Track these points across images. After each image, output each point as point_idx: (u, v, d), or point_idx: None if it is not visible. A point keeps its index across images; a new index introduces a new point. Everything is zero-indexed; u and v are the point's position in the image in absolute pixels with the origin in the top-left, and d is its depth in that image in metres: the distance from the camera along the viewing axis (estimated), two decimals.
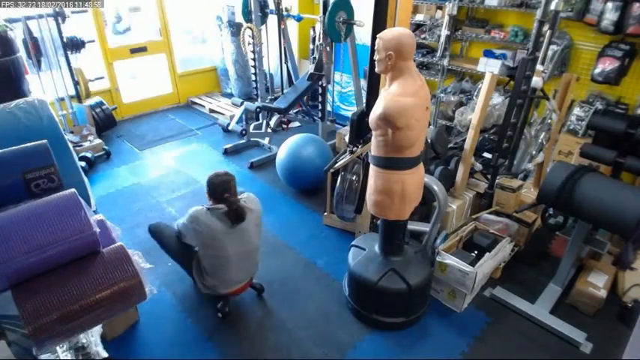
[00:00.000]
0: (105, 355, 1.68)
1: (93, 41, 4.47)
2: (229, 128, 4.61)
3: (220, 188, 2.19)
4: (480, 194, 3.08)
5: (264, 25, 4.43)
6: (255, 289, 2.59)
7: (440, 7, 4.16)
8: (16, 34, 3.43)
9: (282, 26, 4.46)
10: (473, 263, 2.37)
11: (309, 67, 4.21)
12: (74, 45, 4.09)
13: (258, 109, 4.33)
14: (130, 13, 5.15)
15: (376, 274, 2.28)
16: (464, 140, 3.01)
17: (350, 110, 5.11)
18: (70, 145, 2.71)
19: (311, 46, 5.24)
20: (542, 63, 2.84)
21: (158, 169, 4.15)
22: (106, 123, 4.66)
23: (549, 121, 3.42)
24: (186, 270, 2.45)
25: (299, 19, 4.55)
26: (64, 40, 3.98)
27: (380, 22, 2.54)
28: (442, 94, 4.23)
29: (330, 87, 4.62)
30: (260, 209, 2.35)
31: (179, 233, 2.33)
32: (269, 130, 4.41)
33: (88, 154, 4.06)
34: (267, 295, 2.59)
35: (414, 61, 3.36)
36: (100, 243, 1.39)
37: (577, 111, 3.39)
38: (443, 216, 2.53)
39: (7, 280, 1.24)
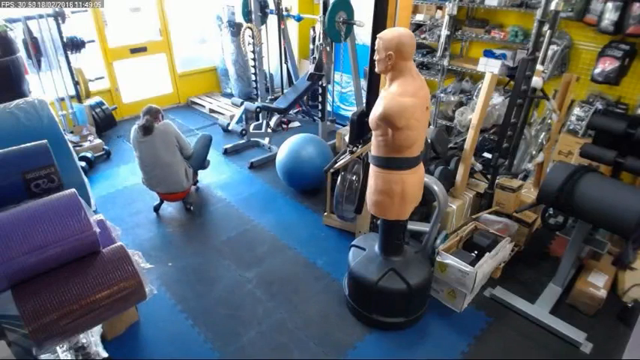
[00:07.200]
0: (105, 355, 1.68)
1: (93, 41, 4.47)
2: (229, 128, 4.61)
3: (143, 112, 3.10)
4: (480, 194, 3.08)
5: (264, 25, 4.43)
6: (185, 208, 3.43)
7: (440, 7, 4.16)
8: (16, 34, 3.43)
9: (282, 26, 4.46)
10: (473, 263, 2.37)
11: (309, 67, 4.21)
12: (74, 45, 4.10)
13: (258, 109, 4.32)
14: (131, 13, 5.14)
15: (376, 274, 2.28)
16: (464, 140, 3.01)
17: (350, 110, 5.11)
18: (70, 145, 2.72)
19: (311, 46, 5.24)
20: (542, 63, 2.84)
21: None
22: (106, 123, 4.67)
23: (549, 121, 3.42)
24: None
25: (299, 19, 4.55)
26: (64, 40, 3.98)
27: (380, 22, 2.54)
28: (442, 94, 4.23)
29: (330, 87, 4.62)
30: (170, 131, 3.14)
31: None
32: (269, 130, 4.41)
33: (88, 154, 4.06)
34: (267, 296, 2.59)
35: (414, 61, 3.37)
36: (100, 243, 1.39)
37: (577, 111, 3.38)
38: (443, 216, 2.54)
39: (7, 280, 1.24)
